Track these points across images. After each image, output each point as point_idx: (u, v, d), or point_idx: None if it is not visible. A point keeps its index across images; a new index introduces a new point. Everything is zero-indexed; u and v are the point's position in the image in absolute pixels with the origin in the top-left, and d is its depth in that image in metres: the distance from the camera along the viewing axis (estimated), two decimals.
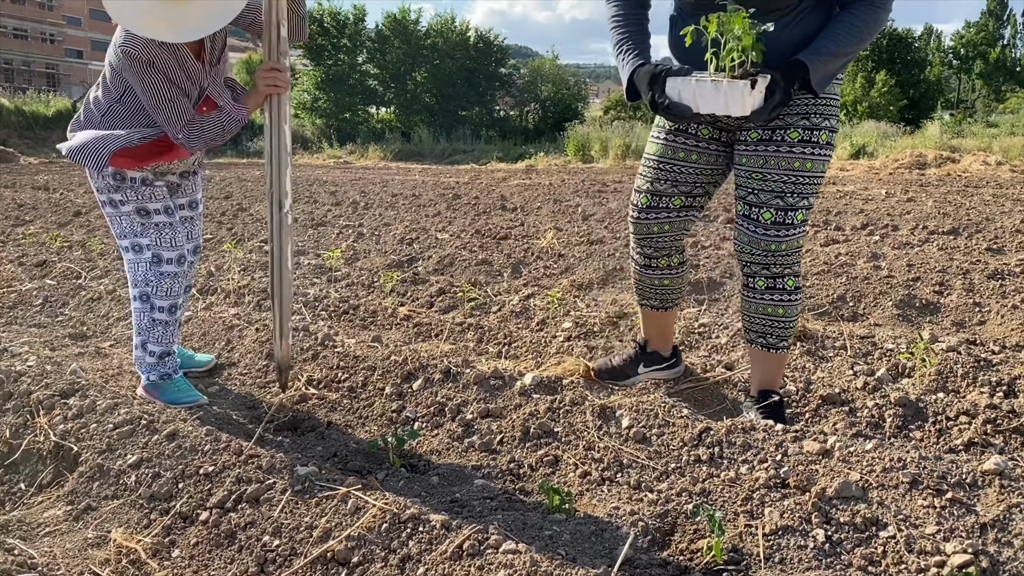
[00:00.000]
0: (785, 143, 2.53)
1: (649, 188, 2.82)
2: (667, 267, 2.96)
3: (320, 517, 2.09)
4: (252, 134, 26.56)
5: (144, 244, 3.00)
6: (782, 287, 2.69)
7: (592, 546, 2.04)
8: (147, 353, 3.07)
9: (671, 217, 2.84)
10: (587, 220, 7.97)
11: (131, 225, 2.98)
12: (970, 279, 4.78)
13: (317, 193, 11.11)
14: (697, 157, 2.74)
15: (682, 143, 2.73)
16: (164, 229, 2.99)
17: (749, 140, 2.59)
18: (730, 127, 2.64)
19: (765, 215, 2.58)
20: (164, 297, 3.03)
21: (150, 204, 2.97)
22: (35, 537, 2.27)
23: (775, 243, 2.60)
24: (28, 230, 7.36)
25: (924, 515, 2.04)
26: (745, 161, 2.60)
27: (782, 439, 2.44)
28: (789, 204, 2.56)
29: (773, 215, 2.57)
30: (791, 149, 2.52)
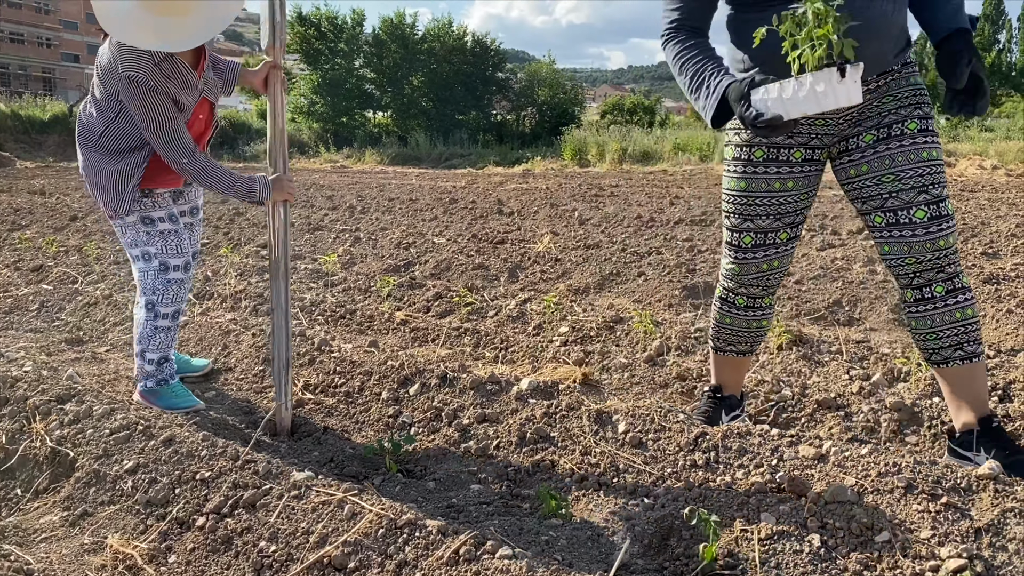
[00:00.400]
0: (907, 136, 2.33)
1: (751, 226, 2.53)
2: (768, 306, 2.72)
3: (316, 522, 2.09)
4: (249, 138, 26.55)
5: (153, 252, 3.04)
6: (961, 286, 2.39)
7: (588, 551, 2.04)
8: (146, 361, 3.10)
9: (779, 253, 2.57)
10: (584, 224, 7.98)
11: (137, 235, 3.03)
12: None
13: (314, 197, 11.11)
14: (794, 184, 2.48)
15: (775, 173, 2.47)
16: (169, 236, 3.04)
17: (863, 145, 2.38)
18: (826, 142, 2.45)
19: (918, 214, 2.32)
20: (169, 304, 3.07)
21: (153, 212, 3.01)
22: (31, 543, 2.27)
23: (941, 238, 2.32)
24: (24, 235, 7.35)
25: (919, 520, 2.05)
26: (865, 168, 2.38)
27: (777, 444, 2.45)
28: (936, 196, 2.31)
29: (926, 211, 2.31)
30: (914, 141, 2.33)
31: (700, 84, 2.31)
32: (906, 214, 2.33)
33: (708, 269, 5.43)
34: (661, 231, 7.46)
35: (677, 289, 4.94)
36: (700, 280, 5.07)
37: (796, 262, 5.66)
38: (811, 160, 2.47)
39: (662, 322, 4.05)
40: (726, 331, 2.74)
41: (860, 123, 2.38)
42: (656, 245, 6.58)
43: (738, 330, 2.73)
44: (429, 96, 28.91)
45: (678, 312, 4.56)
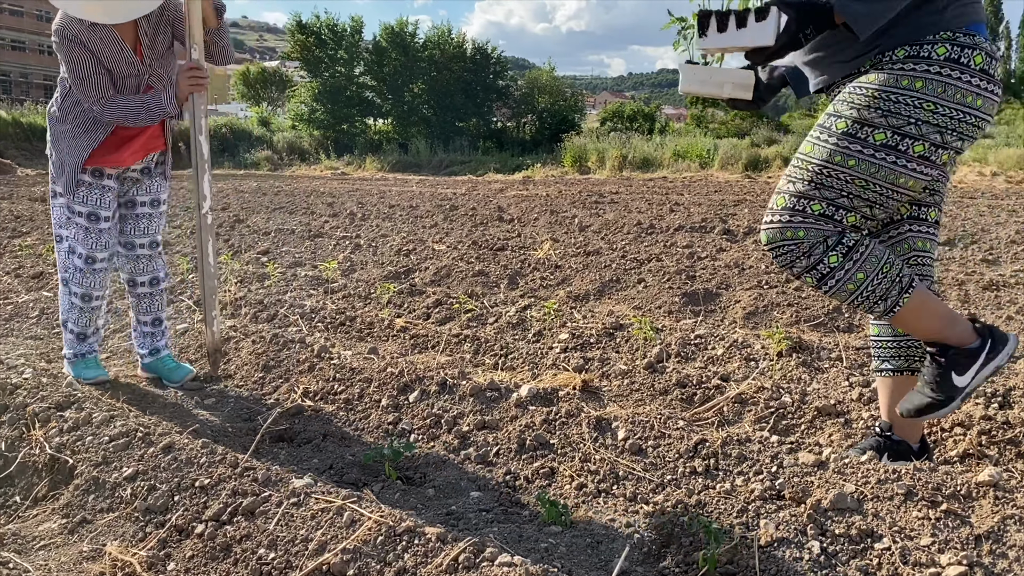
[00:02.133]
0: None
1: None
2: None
3: (316, 530, 2.08)
4: (249, 145, 26.59)
5: (65, 235, 3.31)
6: (823, 274, 2.15)
7: (588, 558, 2.04)
8: (67, 331, 3.42)
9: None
10: (584, 231, 7.99)
11: (60, 216, 3.31)
12: (965, 290, 4.79)
13: (314, 204, 11.13)
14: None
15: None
16: (80, 231, 3.28)
17: None
18: None
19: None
20: (78, 286, 3.34)
21: (77, 206, 3.25)
22: (30, 550, 2.27)
23: (779, 232, 2.17)
24: (25, 242, 7.36)
25: (919, 527, 2.04)
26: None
27: (777, 451, 2.44)
28: (798, 190, 2.15)
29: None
30: (824, 138, 2.18)
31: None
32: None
33: (708, 276, 5.43)
34: (661, 238, 7.46)
35: (677, 296, 4.94)
36: (700, 287, 5.07)
37: None
38: None
39: (662, 329, 4.05)
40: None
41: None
42: (656, 252, 6.58)
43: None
44: (429, 103, 28.97)
45: (678, 319, 4.56)
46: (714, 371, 3.43)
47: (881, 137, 2.06)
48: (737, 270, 5.63)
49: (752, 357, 3.56)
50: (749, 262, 5.94)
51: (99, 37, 3.02)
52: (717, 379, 3.32)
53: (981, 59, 2.03)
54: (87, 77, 3.04)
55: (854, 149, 2.09)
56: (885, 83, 2.07)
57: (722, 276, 5.39)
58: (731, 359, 3.57)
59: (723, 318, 4.60)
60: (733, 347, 3.67)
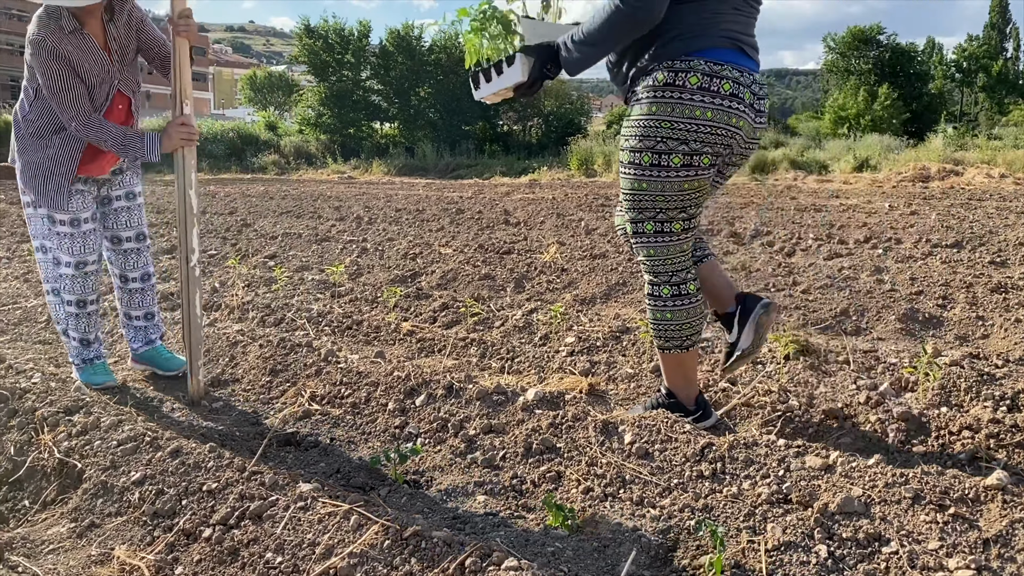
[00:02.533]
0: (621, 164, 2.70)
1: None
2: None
3: (323, 534, 2.09)
4: (256, 150, 26.65)
5: (49, 246, 3.32)
6: (647, 292, 2.80)
7: (595, 562, 2.04)
8: (70, 339, 3.44)
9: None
10: (590, 234, 7.99)
11: (40, 228, 3.31)
12: (973, 292, 4.78)
13: (321, 208, 11.15)
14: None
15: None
16: (64, 239, 3.28)
17: None
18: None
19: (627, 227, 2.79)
20: (70, 293, 3.36)
21: (57, 215, 3.26)
22: (39, 554, 2.28)
23: (636, 251, 2.80)
24: (32, 246, 7.40)
25: (927, 530, 2.04)
26: None
27: (784, 454, 2.44)
28: (630, 217, 2.72)
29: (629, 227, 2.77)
30: (622, 170, 2.68)
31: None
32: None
33: None
34: None
35: None
36: None
37: (803, 271, 5.65)
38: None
39: None
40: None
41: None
42: None
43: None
44: (436, 107, 29.00)
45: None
46: (720, 374, 3.43)
47: (647, 159, 2.55)
48: (744, 273, 5.62)
49: (759, 360, 3.56)
50: (756, 265, 5.93)
51: (73, 46, 3.03)
52: (724, 383, 3.31)
53: (697, 79, 2.44)
54: (64, 91, 3.03)
55: (639, 174, 2.59)
56: (638, 113, 2.56)
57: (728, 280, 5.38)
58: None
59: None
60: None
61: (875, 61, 41.49)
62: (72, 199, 3.25)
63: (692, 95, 2.45)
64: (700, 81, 2.44)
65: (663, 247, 2.69)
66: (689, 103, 2.45)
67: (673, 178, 2.54)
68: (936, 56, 48.72)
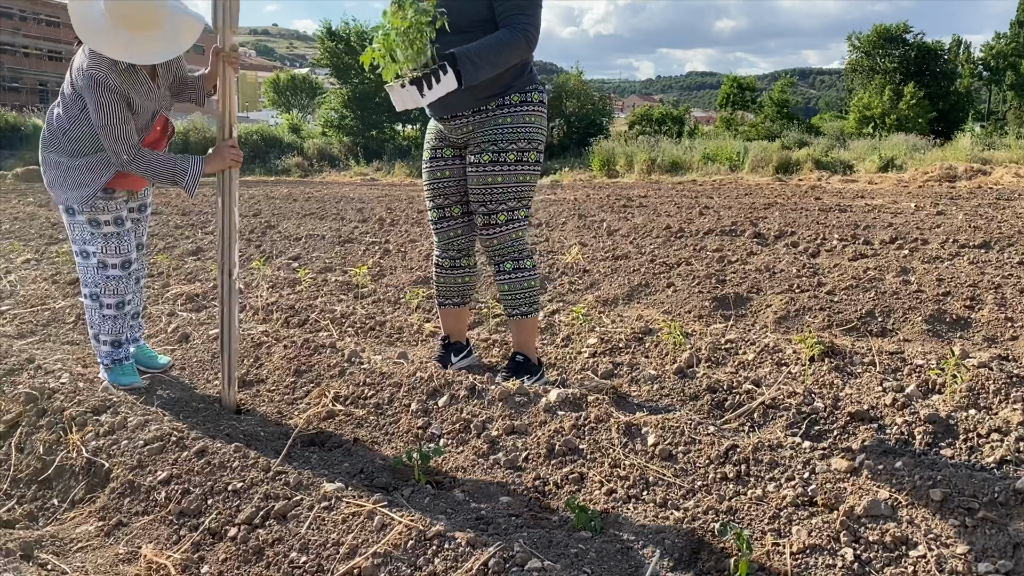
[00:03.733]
0: (478, 164, 3.26)
1: (433, 204, 3.52)
2: (467, 267, 3.59)
3: (347, 534, 2.10)
4: (280, 152, 26.84)
5: (91, 251, 3.37)
6: (502, 269, 3.40)
7: (618, 564, 2.03)
8: (100, 343, 3.48)
9: (460, 223, 3.51)
10: (612, 235, 7.97)
11: (82, 234, 3.35)
12: (1002, 294, 4.71)
13: (344, 210, 11.21)
14: (450, 173, 3.44)
15: (439, 165, 3.45)
16: (111, 239, 3.35)
17: (468, 160, 3.32)
18: (458, 146, 3.40)
19: (478, 219, 3.36)
20: (112, 296, 3.41)
21: (101, 216, 3.31)
22: (68, 552, 2.31)
23: (487, 240, 3.37)
24: (61, 248, 7.49)
25: (955, 534, 2.02)
26: (468, 175, 3.35)
27: (809, 456, 2.42)
28: (490, 209, 3.29)
29: (482, 219, 3.34)
30: (483, 168, 3.25)
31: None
32: (475, 215, 3.39)
33: (738, 280, 5.40)
34: (691, 241, 7.43)
35: (707, 300, 4.91)
36: (730, 291, 5.04)
37: (827, 272, 5.60)
38: (456, 156, 3.42)
39: (692, 333, 4.02)
40: (440, 288, 3.65)
41: (468, 143, 3.33)
42: (685, 256, 6.54)
43: (448, 287, 3.62)
44: None
45: (708, 323, 4.53)
46: (745, 376, 3.41)
47: (533, 157, 3.30)
48: (768, 274, 5.58)
49: (783, 362, 3.53)
50: (780, 266, 5.89)
51: (126, 80, 3.07)
52: (748, 384, 3.29)
53: (544, 99, 3.34)
54: (116, 125, 3.05)
55: (527, 169, 3.30)
56: (518, 123, 3.24)
57: (753, 280, 5.35)
58: (762, 364, 3.55)
59: (754, 322, 4.56)
60: (764, 352, 3.64)
61: (901, 60, 41.05)
62: (108, 201, 3.32)
63: (544, 110, 3.34)
64: (540, 98, 3.32)
65: (525, 228, 3.41)
66: (544, 116, 3.35)
67: (532, 171, 3.33)
68: (963, 54, 48.06)
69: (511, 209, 3.31)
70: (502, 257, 3.38)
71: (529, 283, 3.41)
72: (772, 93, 44.28)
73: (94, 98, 3.03)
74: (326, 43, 30.07)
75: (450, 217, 3.49)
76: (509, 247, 3.37)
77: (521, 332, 3.49)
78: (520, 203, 3.33)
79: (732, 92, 47.77)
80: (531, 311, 3.45)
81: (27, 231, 9.25)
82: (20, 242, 8.18)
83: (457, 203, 3.47)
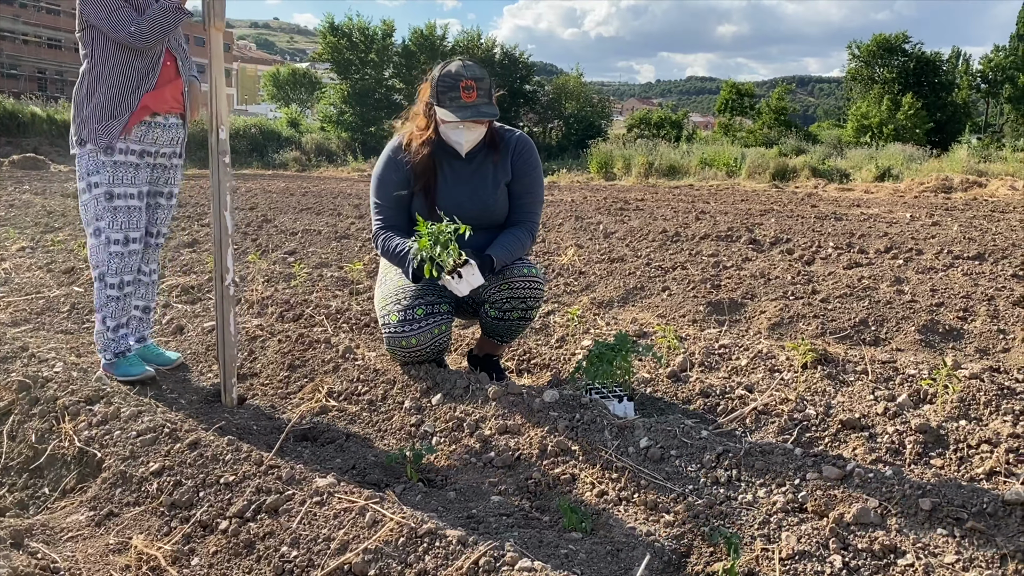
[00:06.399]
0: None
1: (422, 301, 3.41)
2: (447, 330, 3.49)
3: (338, 529, 2.10)
4: (278, 146, 26.81)
5: (101, 227, 3.37)
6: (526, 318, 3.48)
7: (608, 566, 2.04)
8: (105, 328, 3.48)
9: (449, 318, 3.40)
10: (608, 238, 7.98)
11: (96, 209, 3.36)
12: (995, 306, 4.74)
13: (341, 206, 11.20)
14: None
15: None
16: (120, 213, 3.38)
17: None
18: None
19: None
20: (114, 275, 3.43)
21: (116, 188, 3.35)
22: (58, 541, 2.31)
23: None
24: (57, 237, 7.48)
25: (943, 544, 2.03)
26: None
27: (801, 463, 2.43)
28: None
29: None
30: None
31: (403, 257, 3.20)
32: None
33: (733, 285, 5.41)
34: (686, 246, 7.44)
35: (702, 305, 4.92)
36: (725, 296, 5.05)
37: (822, 280, 5.61)
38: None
39: (686, 337, 4.04)
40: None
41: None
42: (681, 260, 6.56)
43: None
44: None
45: (702, 328, 4.55)
46: (738, 381, 3.42)
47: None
48: (763, 280, 5.60)
49: (776, 368, 3.55)
50: (775, 272, 5.91)
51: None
52: (741, 390, 3.30)
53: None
54: (115, 10, 3.18)
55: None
56: None
57: (747, 286, 5.37)
58: (755, 370, 3.56)
59: (748, 328, 4.58)
60: (757, 358, 3.65)
61: (899, 70, 41.20)
62: (121, 171, 3.36)
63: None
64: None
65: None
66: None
67: None
68: (962, 66, 48.22)
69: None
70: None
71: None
72: (770, 100, 44.43)
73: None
74: (328, 38, 30.05)
75: (442, 313, 3.34)
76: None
77: (504, 348, 3.64)
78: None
79: (731, 98, 47.88)
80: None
81: (23, 219, 9.23)
82: (15, 230, 8.16)
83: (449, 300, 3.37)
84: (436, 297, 3.33)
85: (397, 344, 3.26)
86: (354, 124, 29.10)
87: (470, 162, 3.36)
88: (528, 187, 3.42)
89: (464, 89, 3.14)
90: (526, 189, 3.42)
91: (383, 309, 3.35)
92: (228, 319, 3.23)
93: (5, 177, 16.80)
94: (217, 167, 3.16)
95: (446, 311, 3.34)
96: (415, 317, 3.24)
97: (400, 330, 3.23)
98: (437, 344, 3.32)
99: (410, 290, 3.32)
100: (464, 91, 3.14)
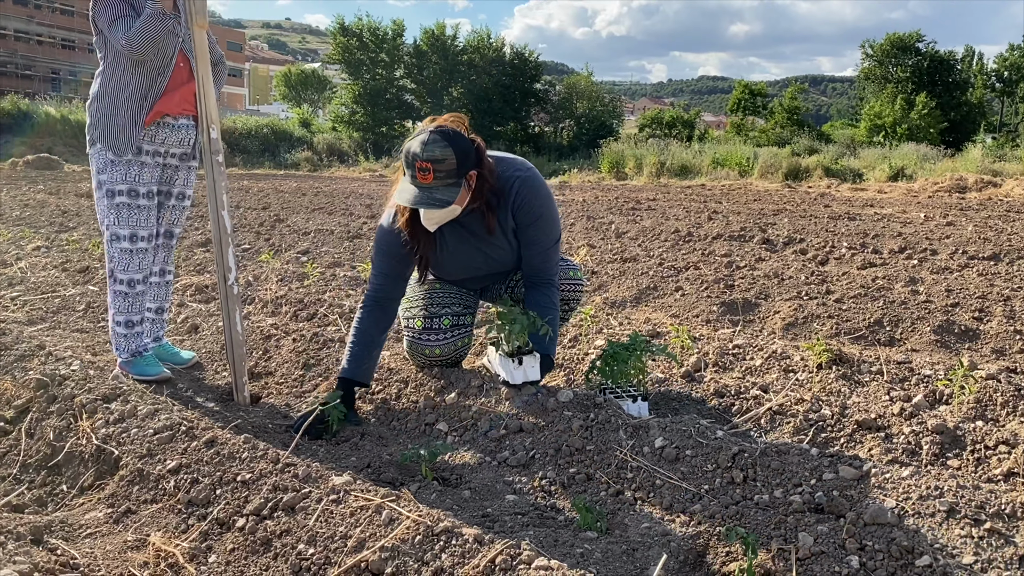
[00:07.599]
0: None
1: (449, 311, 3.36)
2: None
3: (355, 527, 2.11)
4: (290, 146, 26.89)
5: (110, 225, 3.43)
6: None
7: (623, 566, 2.04)
8: (117, 326, 3.50)
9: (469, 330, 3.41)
10: (620, 238, 7.98)
11: (104, 207, 3.41)
12: (1011, 306, 4.71)
13: (353, 206, 11.23)
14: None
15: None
16: (122, 210, 3.40)
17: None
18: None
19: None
20: (123, 272, 3.46)
21: (123, 186, 3.37)
22: (77, 538, 2.32)
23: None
24: (71, 236, 7.53)
25: (961, 545, 2.02)
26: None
27: (817, 463, 2.42)
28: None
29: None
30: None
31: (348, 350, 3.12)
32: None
33: (747, 285, 5.40)
34: (699, 246, 7.42)
35: (715, 304, 4.91)
36: (739, 296, 5.04)
37: (836, 280, 5.59)
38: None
39: (699, 337, 4.03)
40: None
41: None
42: (694, 260, 6.55)
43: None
44: (468, 107, 29.10)
45: (716, 328, 4.54)
46: (752, 381, 3.41)
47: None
48: (776, 280, 5.58)
49: (791, 368, 3.54)
50: (788, 272, 5.89)
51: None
52: (756, 390, 3.29)
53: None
54: (115, 20, 3.21)
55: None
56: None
57: (761, 286, 5.35)
58: (770, 370, 3.55)
59: (762, 328, 4.57)
60: (772, 358, 3.64)
61: (913, 69, 40.98)
62: (131, 169, 3.38)
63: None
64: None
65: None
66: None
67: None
68: (976, 65, 47.90)
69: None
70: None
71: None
72: (783, 100, 44.28)
73: (100, 3, 3.23)
74: (339, 38, 30.11)
75: (466, 325, 3.35)
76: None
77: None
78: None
79: (743, 97, 47.74)
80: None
81: (37, 218, 9.29)
82: (31, 229, 8.22)
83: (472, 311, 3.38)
84: (462, 308, 3.32)
85: (419, 351, 3.26)
86: (365, 124, 29.17)
87: (468, 220, 3.08)
88: (534, 238, 3.14)
89: (420, 171, 2.79)
90: (532, 240, 3.14)
91: (407, 311, 3.32)
92: (234, 318, 3.24)
93: (20, 177, 16.92)
94: (211, 167, 3.17)
95: (470, 323, 3.34)
96: (440, 327, 3.23)
97: (424, 338, 3.23)
98: (458, 355, 3.35)
99: (438, 295, 3.30)
100: (420, 172, 2.79)
